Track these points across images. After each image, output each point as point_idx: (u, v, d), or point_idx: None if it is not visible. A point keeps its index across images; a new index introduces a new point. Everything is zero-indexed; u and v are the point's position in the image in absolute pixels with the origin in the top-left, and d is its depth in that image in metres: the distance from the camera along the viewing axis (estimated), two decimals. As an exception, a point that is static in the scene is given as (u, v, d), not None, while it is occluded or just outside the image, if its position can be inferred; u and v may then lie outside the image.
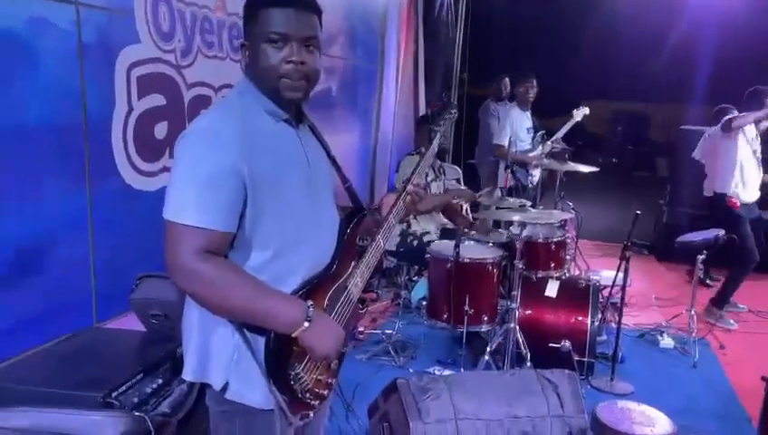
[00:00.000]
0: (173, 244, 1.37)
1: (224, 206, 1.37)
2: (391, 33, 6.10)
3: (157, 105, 2.82)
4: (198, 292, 1.39)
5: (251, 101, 1.49)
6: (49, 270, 2.37)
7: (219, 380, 1.48)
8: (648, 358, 4.05)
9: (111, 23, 2.56)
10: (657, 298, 5.22)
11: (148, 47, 2.74)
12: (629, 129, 11.06)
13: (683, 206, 6.52)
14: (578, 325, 3.54)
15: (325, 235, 1.61)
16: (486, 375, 3.00)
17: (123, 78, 2.61)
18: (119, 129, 2.61)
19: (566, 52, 7.35)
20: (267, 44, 1.43)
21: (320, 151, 1.67)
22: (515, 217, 3.46)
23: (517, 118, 5.41)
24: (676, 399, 3.42)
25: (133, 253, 2.69)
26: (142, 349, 2.21)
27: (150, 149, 2.80)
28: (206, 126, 1.42)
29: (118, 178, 2.63)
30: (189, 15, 2.99)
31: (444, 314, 3.64)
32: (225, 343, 1.46)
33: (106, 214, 2.57)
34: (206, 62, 3.13)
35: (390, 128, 6.29)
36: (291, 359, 1.45)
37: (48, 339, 2.30)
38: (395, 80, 6.34)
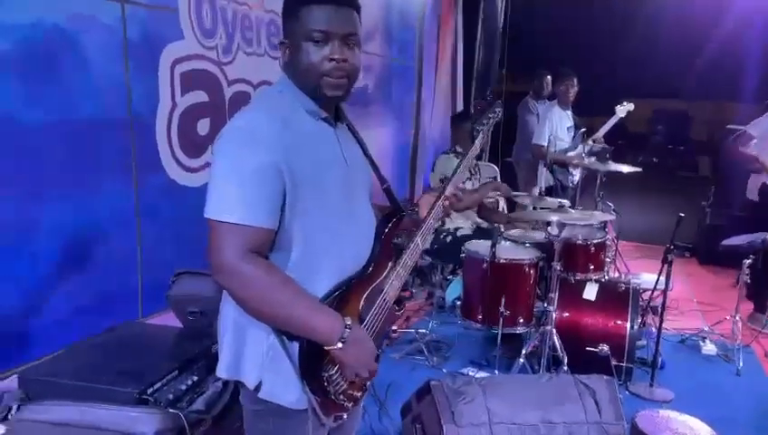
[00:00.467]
0: (216, 243, 1.36)
1: (266, 202, 1.37)
2: (431, 30, 6.05)
3: (199, 101, 2.85)
4: (239, 292, 1.39)
5: (290, 99, 1.48)
6: (98, 264, 2.42)
7: (253, 379, 1.47)
8: (689, 364, 3.93)
9: (155, 19, 2.59)
10: (698, 302, 5.07)
11: (191, 44, 2.77)
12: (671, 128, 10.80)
13: (727, 207, 6.32)
14: (616, 329, 3.46)
15: (362, 235, 1.60)
16: (522, 379, 2.95)
17: (167, 74, 2.65)
18: (163, 124, 2.64)
19: (607, 49, 7.20)
20: (308, 42, 1.43)
21: (357, 151, 1.65)
22: (554, 217, 3.39)
23: (557, 117, 5.31)
24: (718, 408, 3.30)
25: (177, 248, 2.73)
26: (178, 345, 2.23)
27: (193, 145, 2.83)
28: (244, 124, 1.42)
29: (162, 173, 2.67)
30: (231, 12, 3.00)
31: (479, 314, 3.60)
32: (259, 342, 1.46)
33: (152, 209, 2.62)
34: (246, 59, 3.15)
35: (429, 123, 6.25)
36: (325, 361, 1.45)
37: (97, 332, 2.34)
38: (434, 77, 6.29)
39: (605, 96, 6.90)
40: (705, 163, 8.85)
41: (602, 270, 3.98)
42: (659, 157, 10.46)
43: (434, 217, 1.74)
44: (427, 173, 5.89)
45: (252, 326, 1.46)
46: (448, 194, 1.76)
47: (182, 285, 2.33)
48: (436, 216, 1.76)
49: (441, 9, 6.32)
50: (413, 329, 4.04)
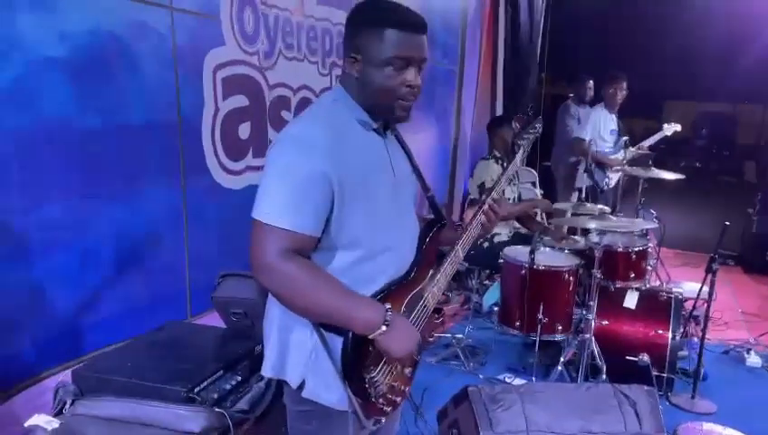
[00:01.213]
0: (261, 243, 1.41)
1: (313, 210, 1.42)
2: (474, 34, 6.03)
3: (240, 106, 2.91)
4: (282, 291, 1.43)
5: (343, 110, 1.53)
6: (149, 264, 2.50)
7: (296, 378, 1.52)
8: (733, 376, 3.84)
9: (200, 26, 2.66)
10: (743, 313, 4.94)
11: (233, 49, 2.83)
12: (715, 131, 10.53)
13: (775, 215, 6.15)
14: (657, 339, 3.40)
15: (406, 242, 1.64)
16: (560, 387, 2.93)
17: (210, 79, 2.71)
18: (207, 128, 2.71)
19: (649, 50, 7.08)
20: (389, 66, 1.46)
21: (404, 160, 1.69)
22: (593, 224, 3.36)
23: (602, 119, 5.24)
24: (763, 422, 3.22)
25: (221, 249, 2.81)
26: (222, 345, 2.28)
27: (235, 148, 2.90)
28: (298, 133, 1.47)
29: (208, 175, 2.74)
30: (272, 18, 3.06)
31: (516, 320, 3.58)
32: (303, 342, 1.50)
33: (198, 210, 2.69)
34: (287, 64, 3.21)
35: (469, 128, 6.25)
36: (367, 362, 1.48)
37: (146, 331, 2.42)
38: (476, 81, 6.27)
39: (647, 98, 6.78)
40: (750, 168, 8.60)
41: (643, 278, 3.92)
42: (703, 161, 10.21)
43: (474, 228, 1.76)
44: (467, 178, 5.89)
45: (296, 326, 1.51)
46: (486, 207, 1.77)
47: (226, 286, 2.39)
48: (476, 227, 1.77)
49: (484, 13, 6.30)
50: (449, 334, 4.05)
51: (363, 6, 1.53)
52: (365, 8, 1.53)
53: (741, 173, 9.34)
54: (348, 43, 1.52)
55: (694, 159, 10.11)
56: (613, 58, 6.48)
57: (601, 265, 3.48)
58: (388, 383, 1.54)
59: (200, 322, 2.64)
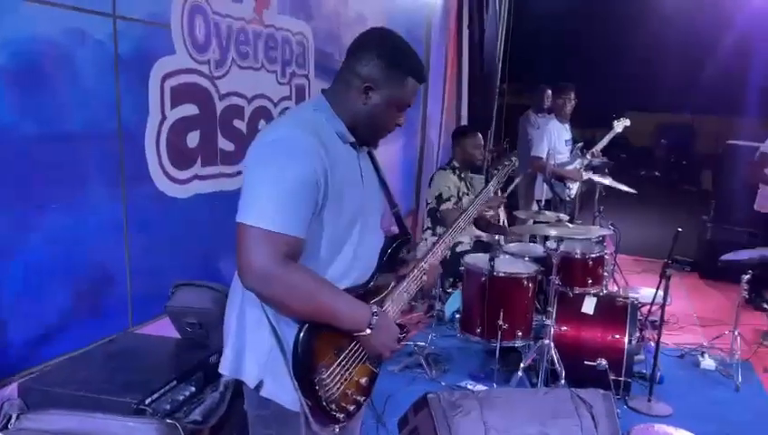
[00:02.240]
0: (252, 248, 1.41)
1: (303, 213, 1.45)
2: (439, 45, 6.10)
3: (189, 114, 2.88)
4: (276, 295, 1.45)
5: (323, 120, 1.57)
6: (88, 274, 2.43)
7: (253, 377, 1.55)
8: (688, 379, 3.93)
9: (148, 35, 2.63)
10: (698, 317, 5.07)
11: (183, 58, 2.81)
12: (674, 141, 10.81)
13: (728, 222, 6.32)
14: (615, 343, 3.46)
15: (370, 252, 1.69)
16: (519, 392, 2.96)
17: (157, 88, 2.68)
18: (152, 137, 2.67)
19: (609, 62, 7.26)
20: (395, 108, 1.60)
21: (374, 176, 1.75)
22: (552, 231, 3.41)
23: (556, 130, 5.33)
24: (716, 423, 3.30)
25: (166, 258, 2.77)
26: (176, 356, 2.26)
27: (182, 157, 2.86)
28: (285, 136, 1.49)
29: (151, 184, 2.69)
30: (225, 27, 3.04)
31: (477, 327, 3.61)
32: (261, 342, 1.53)
33: (140, 220, 2.64)
34: (240, 73, 3.19)
35: (437, 140, 6.30)
36: (317, 364, 1.49)
37: (88, 342, 2.38)
38: (442, 91, 6.34)
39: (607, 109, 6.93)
40: (707, 177, 8.84)
41: (601, 284, 4.00)
42: (662, 170, 10.47)
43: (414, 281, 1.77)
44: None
45: (254, 328, 1.54)
46: (426, 266, 1.79)
47: (180, 296, 2.36)
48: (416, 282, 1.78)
49: (450, 27, 6.38)
50: (412, 342, 4.05)
51: (389, 42, 1.61)
52: (392, 46, 1.60)
53: (698, 182, 9.59)
54: (362, 69, 1.56)
55: (653, 168, 10.36)
56: (573, 70, 6.63)
57: (560, 272, 3.53)
58: (340, 389, 1.54)
59: (142, 332, 2.59)
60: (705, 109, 8.17)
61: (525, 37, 7.33)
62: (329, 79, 4.13)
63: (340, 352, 1.54)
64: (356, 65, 1.57)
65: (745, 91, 7.13)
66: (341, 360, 1.54)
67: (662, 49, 7.02)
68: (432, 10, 5.85)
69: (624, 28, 7.14)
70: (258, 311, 1.52)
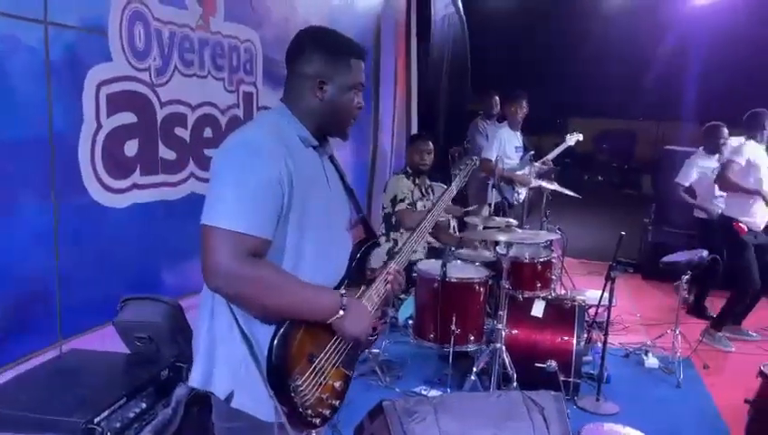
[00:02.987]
0: (215, 248, 1.42)
1: (268, 214, 1.47)
2: (388, 51, 6.15)
3: (127, 123, 2.81)
4: (245, 294, 1.46)
5: (286, 125, 1.60)
6: (13, 286, 2.33)
7: (224, 389, 1.54)
8: (634, 378, 4.06)
9: (82, 41, 2.56)
10: (642, 317, 5.24)
11: (120, 65, 2.75)
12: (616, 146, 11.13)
13: (668, 225, 6.57)
14: (563, 345, 3.55)
15: (339, 256, 1.71)
16: (473, 397, 3.00)
17: (92, 96, 2.61)
18: (86, 146, 2.59)
19: (555, 71, 7.43)
20: (352, 91, 1.64)
21: (338, 181, 1.77)
22: (502, 236, 3.48)
23: (506, 137, 5.44)
24: (661, 420, 3.43)
25: (101, 269, 2.68)
26: (126, 372, 2.20)
27: (120, 166, 2.79)
28: (249, 139, 1.52)
29: (85, 194, 2.61)
30: (167, 34, 2.99)
31: (430, 333, 3.65)
32: (232, 353, 1.52)
33: (72, 230, 2.55)
34: (184, 81, 3.13)
35: (389, 146, 6.32)
36: (293, 370, 1.49)
37: (15, 357, 2.29)
38: (393, 98, 6.38)
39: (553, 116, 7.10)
40: (648, 181, 9.16)
41: (549, 287, 4.09)
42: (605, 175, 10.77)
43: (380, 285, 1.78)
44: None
45: (225, 339, 1.53)
46: (391, 272, 1.80)
47: (129, 311, 2.30)
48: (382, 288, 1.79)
49: (398, 32, 6.44)
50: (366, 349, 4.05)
51: (323, 35, 1.68)
52: (327, 37, 1.67)
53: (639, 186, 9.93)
54: (308, 68, 1.61)
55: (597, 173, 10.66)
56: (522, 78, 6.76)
57: (510, 276, 3.60)
58: (315, 395, 1.55)
59: (72, 345, 2.50)
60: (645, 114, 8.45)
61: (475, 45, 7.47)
62: (277, 86, 4.11)
63: (313, 357, 1.55)
64: (301, 67, 1.62)
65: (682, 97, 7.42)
66: (316, 365, 1.55)
67: (604, 57, 7.25)
68: (381, 18, 5.89)
69: (567, 37, 7.33)
70: (229, 321, 1.51)
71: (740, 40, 6.49)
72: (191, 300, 2.92)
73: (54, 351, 2.44)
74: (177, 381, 2.21)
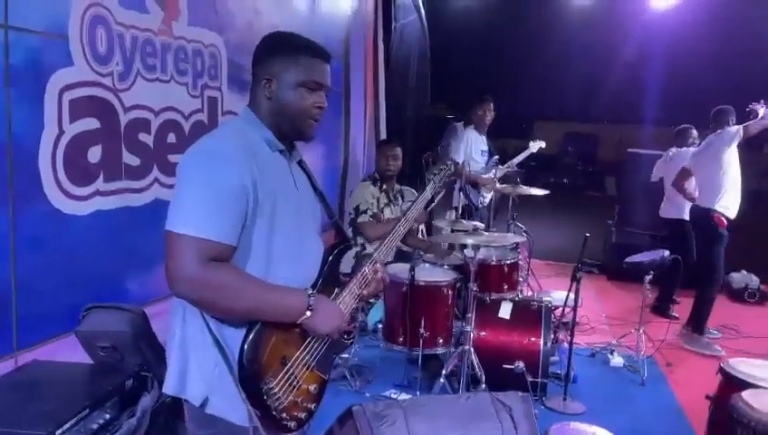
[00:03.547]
0: (181, 255, 1.42)
1: (232, 220, 1.48)
2: (357, 58, 6.16)
3: (90, 129, 2.76)
4: (209, 298, 1.46)
5: (251, 130, 1.61)
6: None
7: (198, 395, 1.53)
8: (600, 377, 4.13)
9: (44, 46, 2.51)
10: (607, 317, 5.34)
11: (83, 70, 2.70)
12: (580, 149, 11.33)
13: (631, 226, 6.71)
14: (531, 346, 3.60)
15: (309, 261, 1.71)
16: (442, 399, 3.01)
17: (54, 101, 2.56)
18: (47, 152, 2.54)
19: (518, 74, 7.54)
20: (303, 88, 1.61)
21: (308, 185, 1.77)
22: (469, 240, 3.51)
23: (473, 140, 5.50)
24: (626, 417, 3.50)
25: (63, 278, 2.62)
26: (89, 382, 2.15)
27: (82, 172, 2.73)
28: (213, 146, 1.54)
29: (45, 201, 2.56)
30: (129, 38, 2.95)
31: (400, 336, 3.66)
32: (205, 358, 1.52)
33: (31, 238, 2.49)
34: (147, 86, 3.09)
35: (362, 151, 6.33)
36: (265, 373, 1.49)
37: None
38: (363, 103, 6.39)
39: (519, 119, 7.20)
40: (611, 183, 9.33)
41: (516, 289, 4.14)
42: (570, 177, 10.96)
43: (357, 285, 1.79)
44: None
45: (197, 345, 1.53)
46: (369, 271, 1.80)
47: (92, 320, 2.26)
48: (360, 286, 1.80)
49: (366, 38, 6.45)
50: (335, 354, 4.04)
51: (277, 37, 1.69)
52: (279, 38, 1.68)
53: (603, 188, 10.12)
54: (260, 69, 1.63)
55: (561, 175, 10.82)
56: (487, 83, 6.84)
57: (477, 279, 3.63)
58: (289, 398, 1.54)
59: (30, 356, 2.43)
60: (608, 117, 8.63)
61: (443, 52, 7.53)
62: (243, 90, 4.07)
63: (286, 359, 1.55)
64: (257, 70, 1.65)
65: (644, 100, 7.59)
66: (289, 367, 1.55)
67: (568, 63, 7.39)
68: (349, 23, 5.90)
69: (532, 41, 7.45)
70: (200, 326, 1.51)
71: (698, 44, 6.68)
72: (157, 307, 2.88)
73: (9, 362, 2.38)
74: (142, 390, 2.18)
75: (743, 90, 5.20)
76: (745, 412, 2.42)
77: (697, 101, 5.91)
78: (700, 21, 6.53)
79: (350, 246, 1.82)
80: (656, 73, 7.22)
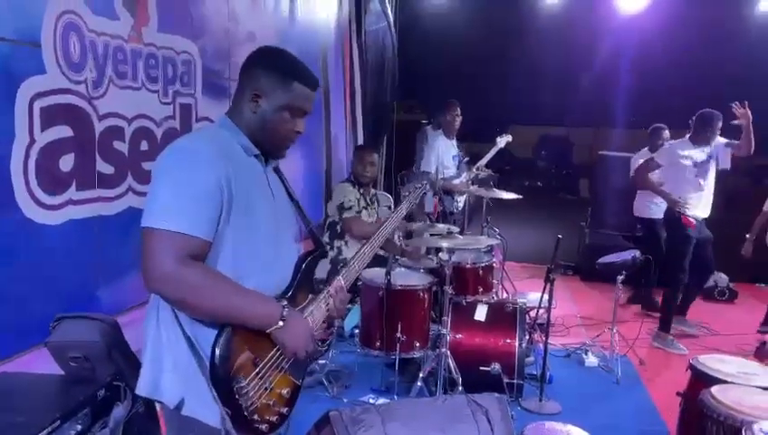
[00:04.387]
0: (157, 252, 1.43)
1: (207, 216, 1.48)
2: (336, 62, 6.17)
3: (62, 137, 2.73)
4: (183, 297, 1.46)
5: (227, 135, 1.63)
6: None
7: (174, 397, 1.54)
8: (575, 377, 4.18)
9: (14, 53, 2.48)
10: (581, 318, 5.40)
11: (56, 78, 2.67)
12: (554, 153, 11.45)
13: (603, 227, 6.81)
14: (506, 348, 3.62)
15: (286, 264, 1.72)
16: (419, 402, 3.02)
17: (24, 109, 2.52)
18: (18, 161, 2.50)
19: (492, 79, 7.60)
20: (287, 112, 1.65)
21: (283, 192, 1.79)
22: (444, 243, 3.53)
23: (443, 146, 5.53)
24: (601, 416, 3.54)
25: (34, 288, 2.58)
26: (60, 393, 2.12)
27: (54, 181, 2.70)
28: (188, 145, 1.57)
29: (16, 211, 2.52)
30: (101, 45, 2.92)
31: (377, 341, 3.66)
32: (179, 358, 1.53)
33: (2, 247, 2.45)
34: (119, 93, 3.07)
35: (344, 154, 6.33)
36: (236, 372, 1.50)
37: None
38: (343, 107, 6.40)
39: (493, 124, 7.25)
40: (585, 186, 9.44)
41: (491, 291, 4.18)
42: (544, 181, 11.06)
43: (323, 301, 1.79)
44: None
45: (172, 344, 1.53)
46: (332, 291, 1.80)
47: (63, 330, 2.22)
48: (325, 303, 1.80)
49: (344, 42, 6.47)
50: (311, 360, 4.02)
51: (274, 54, 1.72)
52: (276, 56, 1.71)
53: (576, 190, 10.24)
54: (250, 81, 1.65)
55: (536, 179, 10.92)
56: (458, 87, 6.88)
57: (452, 282, 3.65)
58: (261, 400, 1.54)
59: (2, 368, 2.40)
60: (580, 121, 8.72)
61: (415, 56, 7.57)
62: (218, 96, 4.04)
63: (258, 360, 1.55)
64: (245, 80, 1.67)
65: (615, 103, 7.70)
66: (260, 368, 1.55)
67: (541, 67, 7.47)
68: (327, 28, 5.92)
69: (505, 45, 7.51)
70: (174, 327, 1.52)
71: (670, 47, 6.80)
72: (130, 315, 2.85)
73: (-19, 375, 2.32)
74: (114, 400, 2.15)
75: (714, 92, 5.32)
76: (714, 407, 2.47)
77: (667, 103, 6.04)
78: (670, 23, 6.66)
79: (324, 254, 1.85)
80: (626, 77, 7.34)
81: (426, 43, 7.63)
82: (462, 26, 7.66)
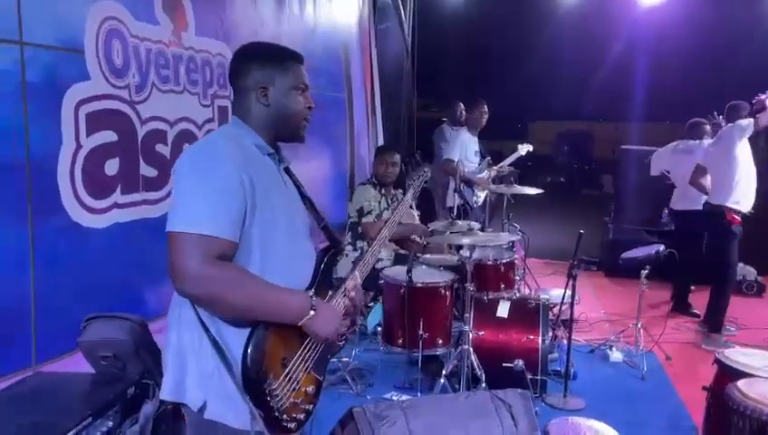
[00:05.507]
0: (184, 254, 1.44)
1: (233, 217, 1.50)
2: (357, 62, 6.21)
3: (107, 141, 2.80)
4: (214, 296, 1.47)
5: (241, 135, 1.66)
6: None
7: (197, 400, 1.54)
8: (599, 373, 4.15)
9: (60, 61, 2.55)
10: (605, 313, 5.36)
11: (99, 84, 2.74)
12: (575, 148, 11.35)
13: (627, 222, 6.74)
14: (529, 344, 3.62)
15: (302, 263, 1.73)
16: (441, 399, 3.04)
17: (71, 115, 2.59)
18: (65, 166, 2.58)
19: (511, 75, 7.58)
20: (296, 91, 1.70)
21: (295, 191, 1.81)
22: (465, 240, 3.54)
23: (466, 141, 5.57)
24: (627, 412, 3.51)
25: (82, 291, 2.65)
26: (91, 392, 2.18)
27: (100, 185, 2.77)
28: (207, 147, 1.61)
29: (64, 215, 2.59)
30: (144, 50, 2.98)
31: (399, 338, 3.68)
32: (204, 362, 1.54)
33: (50, 252, 2.53)
34: (162, 97, 3.13)
35: (367, 153, 6.37)
36: (267, 374, 1.51)
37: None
38: (365, 106, 6.43)
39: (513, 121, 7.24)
40: (608, 181, 9.34)
41: (513, 288, 4.16)
42: (566, 176, 10.97)
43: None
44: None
45: (195, 348, 1.54)
46: (349, 287, 1.82)
47: (93, 329, 2.28)
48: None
49: (364, 42, 6.50)
50: (335, 358, 4.05)
51: (255, 48, 1.77)
52: (259, 49, 1.76)
53: (600, 185, 10.15)
54: (249, 79, 1.68)
55: (558, 174, 10.84)
56: (478, 85, 6.88)
57: (474, 279, 3.65)
58: (290, 399, 1.57)
59: (49, 368, 2.47)
60: (601, 115, 8.66)
61: (434, 55, 7.57)
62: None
63: (286, 360, 1.57)
64: (242, 82, 1.69)
65: (634, 98, 7.63)
66: (289, 368, 1.57)
67: (560, 63, 7.43)
68: (348, 28, 5.95)
69: (524, 42, 7.49)
70: (198, 331, 1.53)
71: (687, 39, 6.72)
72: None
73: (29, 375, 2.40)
74: (144, 398, 2.20)
75: (732, 84, 5.24)
76: (740, 401, 2.45)
77: (688, 96, 5.96)
78: (688, 16, 6.58)
79: (341, 250, 1.86)
80: (646, 70, 7.27)
81: (441, 40, 7.64)
82: (478, 23, 7.65)
